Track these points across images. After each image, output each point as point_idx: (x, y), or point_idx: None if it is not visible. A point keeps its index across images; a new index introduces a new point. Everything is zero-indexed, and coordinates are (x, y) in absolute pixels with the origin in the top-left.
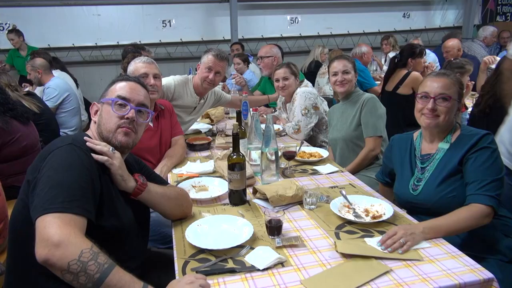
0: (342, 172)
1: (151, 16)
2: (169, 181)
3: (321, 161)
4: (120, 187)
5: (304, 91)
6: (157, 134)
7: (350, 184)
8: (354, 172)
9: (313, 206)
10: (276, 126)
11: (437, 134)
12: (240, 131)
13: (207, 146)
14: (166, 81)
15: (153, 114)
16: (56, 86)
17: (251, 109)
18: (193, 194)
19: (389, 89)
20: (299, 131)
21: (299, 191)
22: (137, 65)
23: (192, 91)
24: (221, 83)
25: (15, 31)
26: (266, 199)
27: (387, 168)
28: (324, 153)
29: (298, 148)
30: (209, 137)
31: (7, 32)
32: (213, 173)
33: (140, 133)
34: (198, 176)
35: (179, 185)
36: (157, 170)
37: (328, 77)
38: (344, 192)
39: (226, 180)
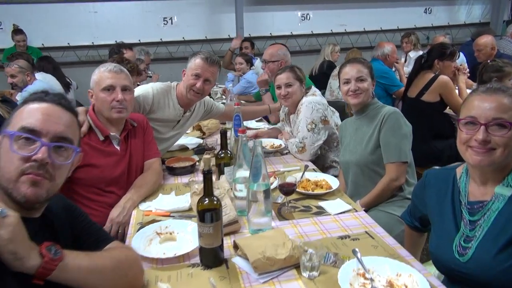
0: (356, 212)
1: (152, 13)
2: (131, 222)
3: (329, 194)
4: (14, 269)
5: (311, 101)
6: (124, 160)
7: (366, 232)
8: (370, 206)
9: (315, 273)
10: (277, 142)
11: (492, 174)
12: (226, 157)
13: (190, 170)
14: (143, 90)
15: (78, 151)
16: (35, 91)
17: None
18: (155, 248)
19: (412, 95)
20: (304, 150)
21: (295, 251)
22: (101, 75)
23: (175, 101)
24: (221, 86)
25: (21, 32)
26: None
27: (418, 212)
28: (333, 182)
29: (301, 174)
30: (194, 157)
31: (12, 33)
32: (189, 211)
33: (61, 179)
34: (168, 215)
35: (143, 230)
36: (119, 207)
37: (339, 85)
38: (359, 255)
39: None
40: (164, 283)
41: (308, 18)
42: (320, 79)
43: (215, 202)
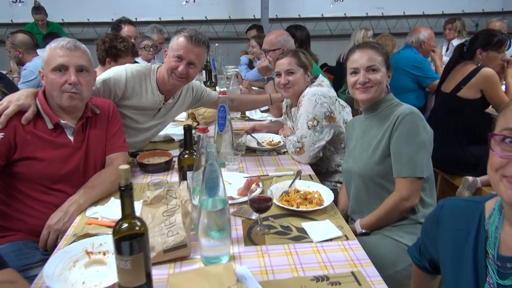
0: (347, 240)
1: None
2: (68, 231)
3: (319, 212)
4: None
5: (315, 93)
6: (79, 153)
7: (352, 273)
8: (373, 228)
9: None
10: (277, 138)
11: None
12: (190, 158)
13: (164, 167)
14: (115, 72)
15: None
16: (34, 68)
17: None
18: (76, 273)
19: (447, 90)
20: (302, 151)
21: None
22: (52, 52)
23: (154, 87)
24: (234, 70)
25: (40, 9)
26: None
27: (428, 253)
28: (327, 196)
29: (290, 182)
30: (175, 151)
31: (32, 10)
32: None
33: None
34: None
35: (69, 247)
36: (61, 211)
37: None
38: None
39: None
40: None
41: (342, 0)
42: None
43: (136, 228)
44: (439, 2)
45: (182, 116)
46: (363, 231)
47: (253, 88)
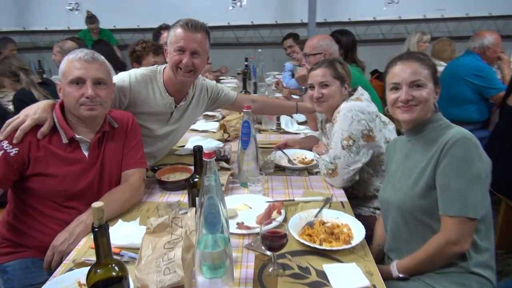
0: None
1: None
2: (69, 255)
3: (345, 252)
4: None
5: (352, 108)
6: (93, 169)
7: None
8: (412, 273)
9: None
10: (310, 156)
11: None
12: (199, 183)
13: (183, 185)
14: (119, 78)
15: None
16: None
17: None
18: None
19: None
20: (335, 174)
21: None
22: (69, 65)
23: (162, 89)
24: (273, 78)
25: (92, 18)
26: None
27: None
28: (358, 232)
29: (316, 212)
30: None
31: (86, 20)
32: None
33: None
34: (118, 252)
35: (61, 278)
36: (66, 231)
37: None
38: None
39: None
40: None
41: (396, 1)
42: None
43: (113, 273)
44: (509, 2)
45: (214, 126)
46: (400, 276)
47: (293, 97)
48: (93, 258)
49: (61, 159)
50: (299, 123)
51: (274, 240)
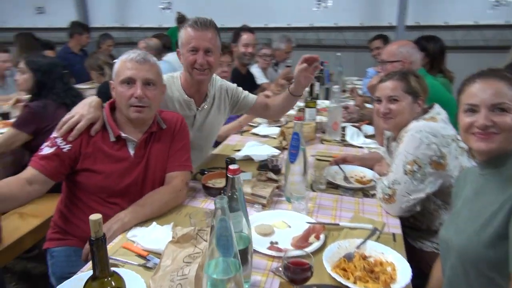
0: None
1: None
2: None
3: None
4: None
5: (422, 129)
6: (138, 168)
7: None
8: None
9: None
10: (370, 175)
11: None
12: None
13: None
14: None
15: None
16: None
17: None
18: None
19: None
20: (392, 200)
21: None
22: (122, 65)
23: (181, 92)
24: (357, 84)
25: (183, 19)
26: None
27: None
28: (403, 275)
29: (358, 243)
30: (246, 174)
31: (177, 20)
32: None
33: None
34: (145, 256)
35: (79, 276)
36: (105, 227)
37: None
38: None
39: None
40: None
41: (504, 3)
42: None
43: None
44: None
45: (275, 132)
46: None
47: (367, 106)
48: (121, 258)
49: (108, 156)
50: (367, 136)
51: (297, 272)
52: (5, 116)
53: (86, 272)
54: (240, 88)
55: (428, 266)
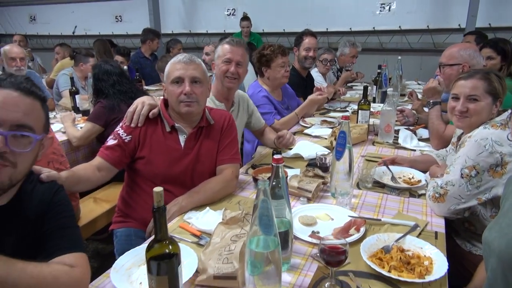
0: None
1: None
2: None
3: (415, 286)
4: None
5: (487, 137)
6: (187, 159)
7: None
8: None
9: None
10: (419, 176)
11: None
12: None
13: None
14: None
15: (38, 139)
16: None
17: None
18: (140, 272)
19: None
20: (441, 200)
21: None
22: (171, 67)
23: (213, 99)
24: (411, 87)
25: (248, 20)
26: None
27: None
28: (440, 267)
29: (397, 237)
30: (293, 170)
31: (241, 20)
32: None
33: (24, 165)
34: (199, 235)
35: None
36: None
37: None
38: None
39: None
40: None
41: None
42: None
43: (166, 250)
44: None
45: (327, 133)
46: None
47: (425, 109)
48: (177, 236)
49: (161, 146)
50: (421, 140)
51: (332, 255)
52: (86, 113)
53: (142, 245)
54: (256, 109)
55: (475, 268)
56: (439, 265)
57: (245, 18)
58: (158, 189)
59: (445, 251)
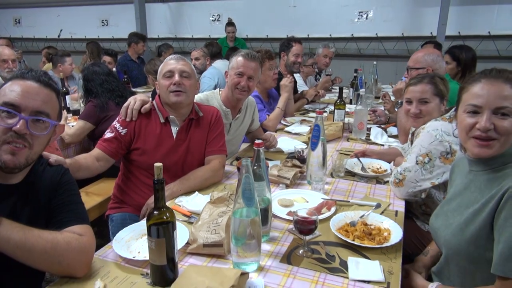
0: None
1: (348, 8)
2: None
3: (374, 251)
4: None
5: (438, 128)
6: (179, 150)
7: None
8: None
9: None
10: (385, 167)
11: None
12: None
13: None
14: None
15: (54, 124)
16: (211, 75)
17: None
18: (138, 244)
19: None
20: (401, 185)
21: None
22: (164, 65)
23: (221, 104)
24: (386, 90)
25: (233, 25)
26: None
27: None
28: (397, 235)
29: (363, 214)
30: (274, 162)
31: (226, 25)
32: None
33: (39, 147)
34: (189, 215)
35: (142, 222)
36: None
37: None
38: None
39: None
40: (102, 282)
41: None
42: None
43: (164, 217)
44: None
45: (306, 130)
46: None
47: (396, 110)
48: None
49: (155, 137)
50: (391, 136)
51: (304, 224)
52: (76, 113)
53: (139, 222)
54: (258, 112)
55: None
56: (396, 235)
57: (230, 23)
58: (158, 164)
59: (402, 225)
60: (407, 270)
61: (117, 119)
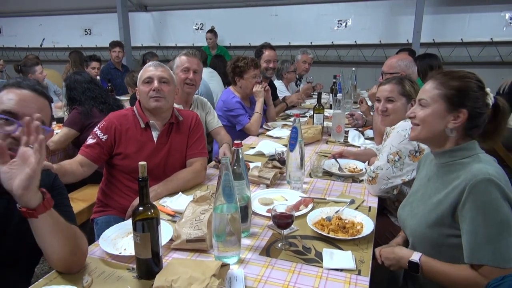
0: (358, 276)
1: (327, 16)
2: None
3: (347, 243)
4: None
5: (406, 128)
6: (160, 153)
7: None
8: (430, 276)
9: None
10: (361, 166)
11: None
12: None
13: None
14: None
15: (48, 130)
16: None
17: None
18: (123, 241)
19: None
20: (374, 182)
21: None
22: (143, 72)
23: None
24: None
25: (213, 32)
26: None
27: None
28: (368, 228)
29: (338, 209)
30: (254, 164)
31: (207, 31)
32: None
33: None
34: (173, 215)
35: (128, 222)
36: None
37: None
38: None
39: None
40: (90, 276)
41: None
42: (510, 100)
43: (149, 213)
44: None
45: (286, 134)
46: (416, 261)
47: (371, 114)
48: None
49: (136, 142)
50: (367, 138)
51: (281, 218)
52: (60, 120)
53: (124, 222)
54: (213, 109)
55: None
56: (368, 228)
57: (210, 30)
58: (142, 163)
59: (374, 219)
60: (386, 249)
61: (98, 125)
